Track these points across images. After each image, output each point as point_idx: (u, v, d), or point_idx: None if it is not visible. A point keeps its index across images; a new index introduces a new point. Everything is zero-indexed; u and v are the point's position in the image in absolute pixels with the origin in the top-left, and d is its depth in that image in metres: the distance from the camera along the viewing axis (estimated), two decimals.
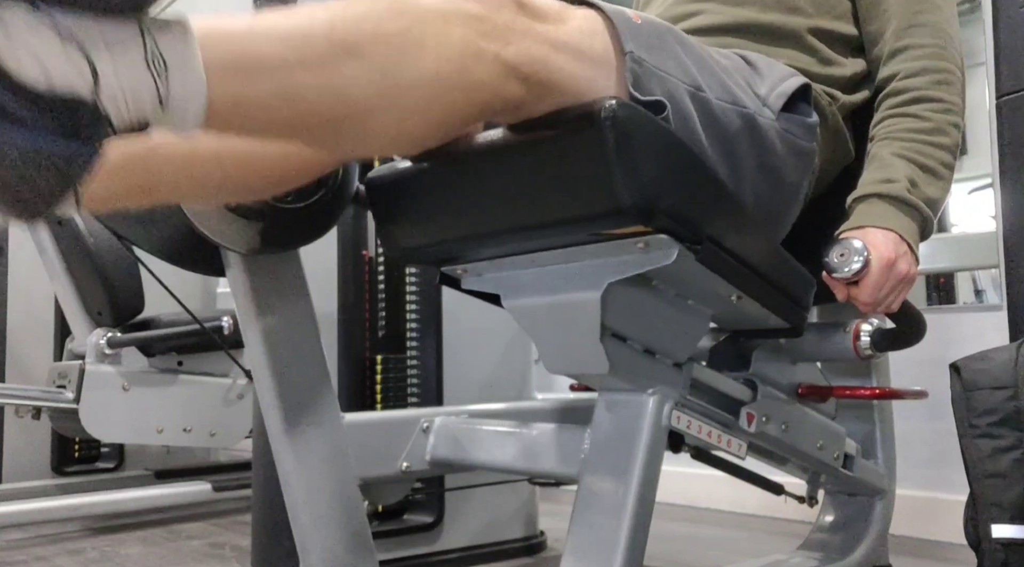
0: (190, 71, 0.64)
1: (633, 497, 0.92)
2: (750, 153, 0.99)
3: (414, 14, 0.74)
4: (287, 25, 0.70)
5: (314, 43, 0.70)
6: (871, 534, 1.32)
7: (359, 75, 0.71)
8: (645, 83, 0.87)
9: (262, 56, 0.67)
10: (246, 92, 0.67)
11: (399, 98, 0.74)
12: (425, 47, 0.73)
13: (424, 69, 0.73)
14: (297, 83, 0.69)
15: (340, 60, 0.70)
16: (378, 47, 0.72)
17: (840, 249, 1.02)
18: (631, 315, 0.97)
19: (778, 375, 1.20)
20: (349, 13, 0.72)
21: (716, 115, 0.94)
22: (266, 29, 0.69)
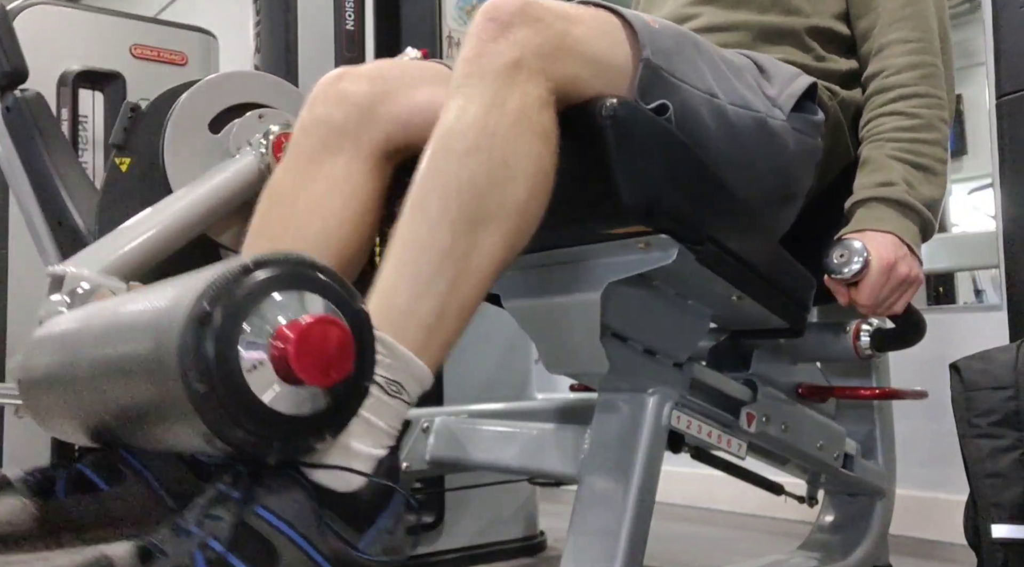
0: (416, 370, 0.73)
1: (633, 497, 0.92)
2: (764, 156, 1.00)
3: (479, 136, 0.77)
4: (426, 259, 0.75)
5: (454, 253, 0.75)
6: (871, 534, 1.32)
7: (496, 240, 0.77)
8: (654, 90, 0.88)
9: (436, 306, 0.75)
10: (446, 334, 0.76)
11: (529, 217, 0.79)
12: (512, 160, 0.77)
13: (525, 173, 0.78)
14: (466, 293, 0.77)
15: (478, 245, 0.76)
16: (488, 202, 0.76)
17: (840, 250, 1.02)
18: (631, 315, 0.97)
19: (778, 375, 1.20)
20: (449, 189, 0.76)
21: (731, 121, 0.95)
22: (415, 282, 0.75)
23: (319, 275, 0.64)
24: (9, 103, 1.83)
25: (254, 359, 0.59)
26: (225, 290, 0.59)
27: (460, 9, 2.43)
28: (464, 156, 0.77)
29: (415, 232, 0.76)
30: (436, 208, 0.76)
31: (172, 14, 4.16)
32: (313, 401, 0.62)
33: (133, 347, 0.63)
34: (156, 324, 0.62)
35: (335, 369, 0.62)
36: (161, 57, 2.73)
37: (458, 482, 1.75)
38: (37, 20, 2.51)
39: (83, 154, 2.60)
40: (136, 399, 0.65)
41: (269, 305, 0.60)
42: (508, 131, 0.77)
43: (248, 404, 0.58)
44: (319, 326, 0.61)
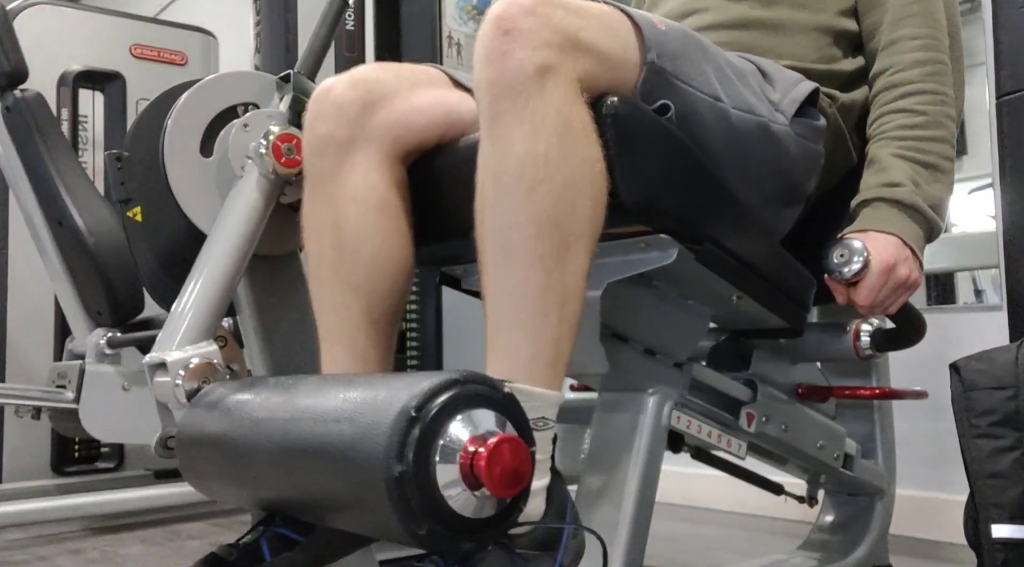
0: (552, 400, 0.81)
1: (633, 497, 0.92)
2: (765, 159, 1.00)
3: (537, 166, 0.78)
4: (527, 303, 0.79)
5: (550, 288, 0.78)
6: (871, 534, 1.32)
7: (580, 252, 0.80)
8: (657, 94, 0.88)
9: (552, 338, 0.79)
10: (564, 356, 0.81)
11: (596, 216, 0.81)
12: (572, 176, 0.79)
13: (586, 182, 0.80)
14: (569, 313, 0.80)
15: (567, 267, 0.79)
16: (565, 227, 0.78)
17: (840, 250, 1.02)
18: (631, 315, 0.97)
19: (778, 375, 1.20)
20: (529, 227, 0.78)
21: (734, 124, 0.95)
22: (527, 323, 0.79)
23: (509, 401, 0.70)
24: (9, 103, 1.83)
25: (448, 459, 0.65)
26: (434, 396, 0.65)
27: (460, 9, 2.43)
28: (530, 193, 0.78)
29: (510, 280, 0.79)
30: (521, 251, 0.78)
31: (172, 14, 4.16)
32: (492, 507, 0.67)
33: (331, 432, 0.69)
34: (360, 410, 0.68)
35: (516, 485, 0.68)
36: (161, 57, 2.73)
37: None
38: (37, 20, 2.51)
39: (83, 154, 2.60)
40: (321, 477, 0.71)
41: (468, 417, 0.66)
42: (560, 151, 0.78)
43: (433, 498, 0.64)
44: (508, 444, 0.67)
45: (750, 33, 1.16)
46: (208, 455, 0.86)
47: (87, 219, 2.03)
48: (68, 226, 2.25)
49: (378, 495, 0.63)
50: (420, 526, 0.63)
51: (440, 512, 0.64)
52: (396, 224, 0.97)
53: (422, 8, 2.02)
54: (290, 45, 1.72)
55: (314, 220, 0.99)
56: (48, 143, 1.86)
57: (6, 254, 2.53)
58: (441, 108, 1.01)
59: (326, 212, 0.97)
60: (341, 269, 0.96)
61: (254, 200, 1.04)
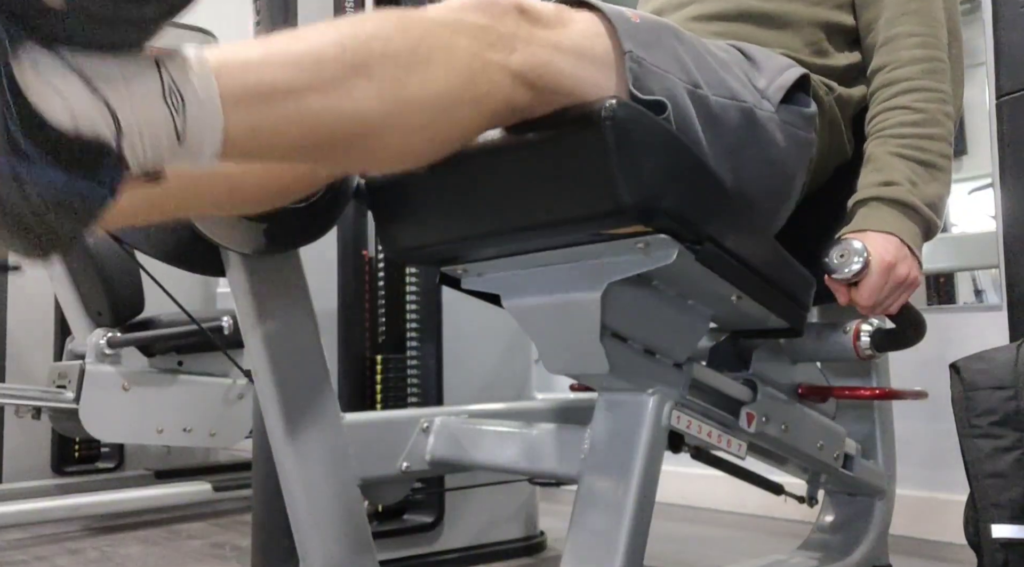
0: (207, 104, 0.64)
1: (633, 497, 0.92)
2: (751, 147, 0.99)
3: (421, 29, 0.75)
4: (299, 49, 0.70)
5: (326, 66, 0.70)
6: (871, 534, 1.32)
7: (370, 95, 0.72)
8: (645, 82, 0.88)
9: (276, 83, 0.68)
10: (261, 120, 0.67)
11: (410, 115, 0.74)
12: (433, 63, 0.74)
13: (433, 85, 0.74)
14: (311, 107, 0.69)
15: (351, 81, 0.71)
16: (387, 66, 0.72)
17: (840, 250, 1.02)
18: (631, 315, 0.97)
19: (778, 375, 1.20)
20: (359, 32, 0.73)
21: (715, 112, 0.95)
22: (279, 54, 0.69)
23: None
24: None
25: None
26: None
27: None
28: (399, 25, 0.74)
29: (311, 28, 0.73)
30: (345, 31, 0.72)
31: None
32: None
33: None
34: None
35: None
36: None
37: (458, 482, 1.75)
38: None
39: None
40: None
41: None
42: (450, 44, 0.75)
43: None
44: None
45: (745, 26, 1.16)
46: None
47: None
48: None
49: None
50: None
51: None
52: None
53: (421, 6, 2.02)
54: None
55: None
56: None
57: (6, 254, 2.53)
58: None
59: None
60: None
61: None
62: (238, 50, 0.68)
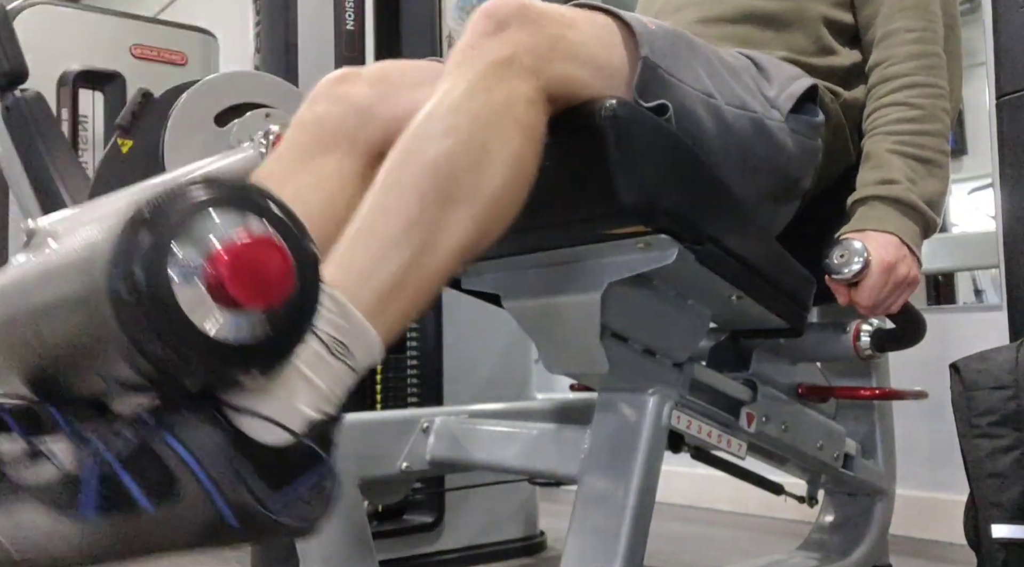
0: (366, 336, 0.70)
1: (633, 497, 0.92)
2: (761, 156, 1.00)
3: (463, 118, 0.76)
4: (392, 226, 0.73)
5: (421, 226, 0.73)
6: (871, 534, 1.32)
7: (465, 215, 0.75)
8: (652, 89, 0.88)
9: (397, 274, 0.72)
10: (402, 305, 0.73)
11: (501, 204, 0.78)
12: (492, 146, 0.76)
13: (506, 166, 0.77)
14: (428, 268, 0.74)
15: (445, 220, 0.74)
16: (462, 181, 0.75)
17: (840, 250, 1.02)
18: (631, 315, 0.97)
19: (778, 375, 1.20)
20: (422, 165, 0.75)
21: (728, 121, 0.95)
22: (380, 245, 0.73)
23: (267, 201, 0.60)
24: (9, 103, 1.83)
25: (185, 269, 0.55)
26: (166, 200, 0.56)
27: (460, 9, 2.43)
28: (443, 135, 0.76)
29: (383, 199, 0.75)
30: (408, 179, 0.75)
31: (172, 14, 4.16)
32: (244, 329, 0.58)
33: (69, 276, 0.59)
34: (91, 248, 0.58)
35: (270, 292, 0.58)
36: (161, 57, 2.73)
37: (458, 482, 1.75)
38: (37, 20, 2.51)
39: (83, 154, 2.60)
40: (68, 333, 0.60)
41: (209, 221, 0.57)
42: (491, 117, 0.77)
43: (170, 313, 0.54)
44: (258, 245, 0.58)
45: (748, 27, 1.16)
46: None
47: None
48: None
49: (108, 320, 0.54)
50: (153, 344, 0.54)
51: (175, 325, 0.54)
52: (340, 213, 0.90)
53: (422, 8, 2.01)
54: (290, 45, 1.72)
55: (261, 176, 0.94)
56: (48, 143, 1.86)
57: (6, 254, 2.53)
58: None
59: (279, 175, 0.94)
60: None
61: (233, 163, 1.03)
62: (346, 261, 0.72)
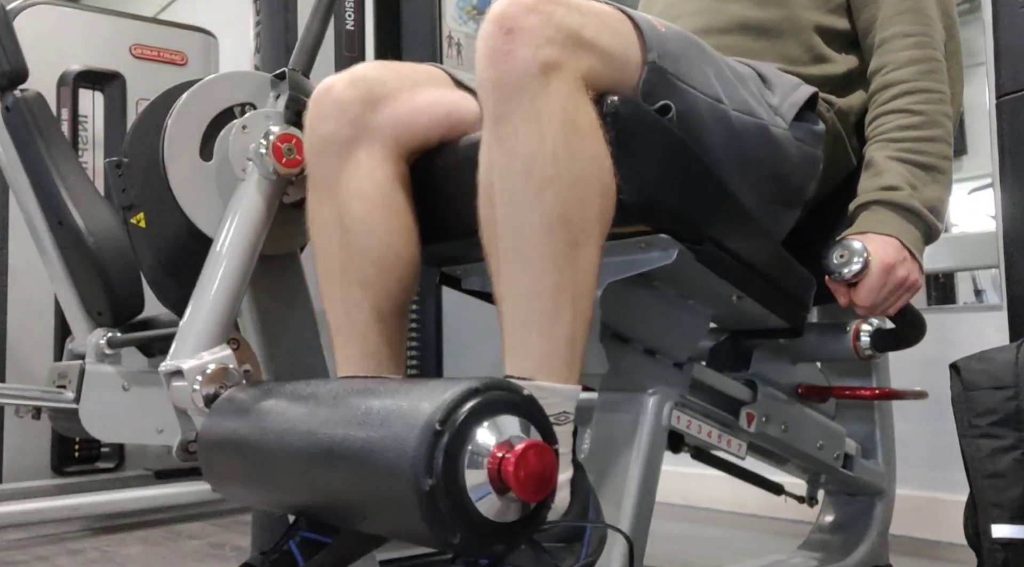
0: (570, 394, 0.80)
1: (633, 497, 0.92)
2: (765, 162, 1.01)
3: (546, 165, 0.78)
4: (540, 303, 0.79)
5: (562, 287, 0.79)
6: (871, 534, 1.32)
7: (590, 248, 0.80)
8: (658, 93, 0.88)
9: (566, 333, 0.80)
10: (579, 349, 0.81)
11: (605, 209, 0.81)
12: (581, 172, 0.79)
13: (593, 177, 0.80)
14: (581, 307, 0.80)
15: (578, 263, 0.79)
16: (575, 224, 0.79)
17: (840, 251, 1.02)
18: (631, 315, 0.97)
19: (778, 375, 1.20)
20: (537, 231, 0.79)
21: (735, 126, 0.95)
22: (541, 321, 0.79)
23: (528, 404, 0.71)
24: (9, 103, 1.83)
25: (476, 468, 0.66)
26: (457, 406, 0.66)
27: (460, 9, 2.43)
28: (540, 193, 0.78)
29: (523, 280, 0.79)
30: (533, 250, 0.78)
31: (172, 14, 4.16)
32: (519, 511, 0.69)
33: (356, 443, 0.70)
34: (386, 422, 0.69)
35: (544, 489, 0.69)
36: (161, 57, 2.73)
37: None
38: (37, 20, 2.51)
39: (83, 154, 2.60)
40: (351, 487, 0.73)
41: (492, 425, 0.68)
42: (567, 149, 0.78)
43: (464, 506, 0.66)
44: (535, 450, 0.68)
45: (741, 37, 1.16)
46: (231, 459, 0.87)
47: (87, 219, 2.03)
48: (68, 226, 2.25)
49: (410, 507, 0.65)
50: (453, 535, 0.65)
51: (471, 520, 0.66)
52: (402, 221, 0.97)
53: (422, 8, 2.01)
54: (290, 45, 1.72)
55: (320, 220, 0.99)
56: (48, 143, 1.86)
57: (6, 254, 2.53)
58: (443, 108, 1.01)
59: (332, 211, 0.97)
60: (350, 268, 0.96)
61: (257, 203, 1.04)
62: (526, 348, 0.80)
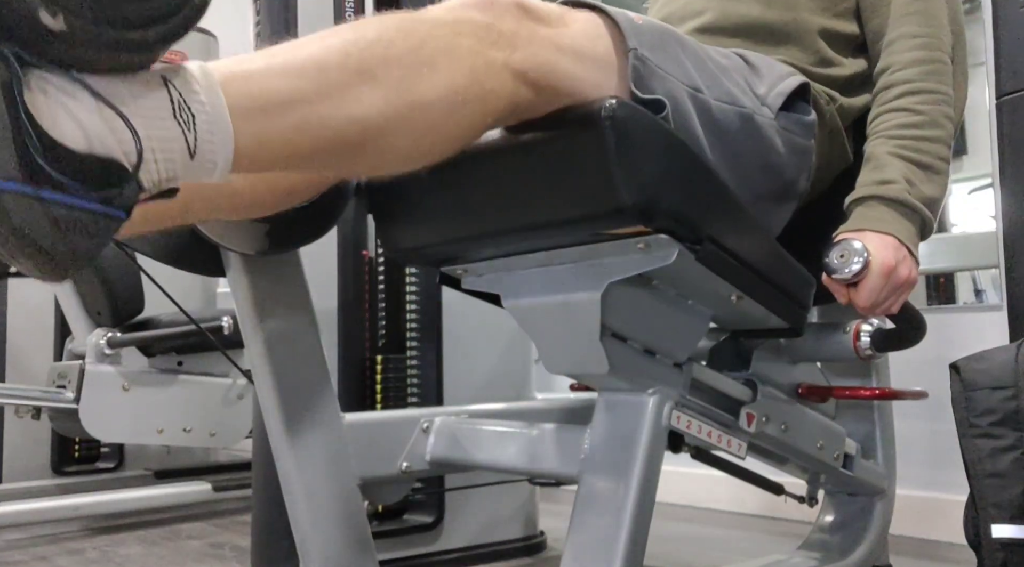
0: (217, 118, 0.64)
1: (633, 497, 0.92)
2: (751, 152, 1.00)
3: (423, 32, 0.75)
4: (302, 57, 0.70)
5: (330, 73, 0.70)
6: (871, 534, 1.32)
7: (376, 99, 0.72)
8: (647, 81, 0.88)
9: (283, 93, 0.68)
10: (270, 131, 0.68)
11: (416, 118, 0.74)
12: (437, 64, 0.74)
13: (438, 86, 0.74)
14: (318, 115, 0.69)
15: (356, 87, 0.71)
16: (392, 70, 0.72)
17: (840, 250, 1.02)
18: (631, 315, 0.97)
19: (778, 375, 1.20)
20: (361, 38, 0.73)
21: (715, 116, 0.95)
22: (282, 64, 0.69)
23: None
24: None
25: None
26: None
27: None
28: (396, 27, 0.74)
29: (314, 38, 0.72)
30: (344, 37, 0.73)
31: None
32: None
33: None
34: None
35: None
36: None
37: (458, 482, 1.75)
38: None
39: None
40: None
41: None
42: (451, 44, 0.75)
43: None
44: None
45: (747, 40, 1.16)
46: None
47: None
48: None
49: None
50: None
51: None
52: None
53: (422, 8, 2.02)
54: None
55: None
56: None
57: None
58: None
59: None
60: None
61: None
62: (242, 62, 0.68)
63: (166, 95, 0.62)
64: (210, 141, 0.64)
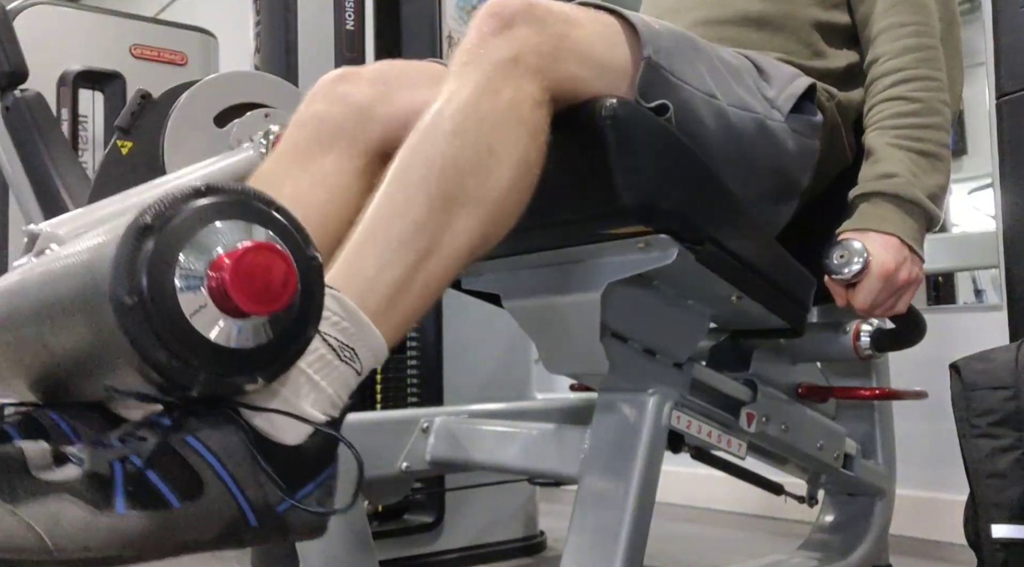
0: (372, 340, 0.71)
1: (633, 497, 0.92)
2: (763, 156, 1.01)
3: (469, 121, 0.77)
4: (399, 229, 0.74)
5: (427, 226, 0.74)
6: (871, 534, 1.32)
7: (471, 222, 0.76)
8: (655, 90, 0.88)
9: (399, 277, 0.73)
10: (407, 308, 0.74)
11: (505, 203, 0.78)
12: (497, 149, 0.77)
13: (509, 166, 0.77)
14: (432, 272, 0.75)
15: (452, 221, 0.75)
16: (469, 183, 0.76)
17: (840, 251, 1.02)
18: (631, 315, 0.97)
19: (778, 375, 1.20)
20: (429, 168, 0.76)
21: (732, 122, 0.95)
22: (384, 244, 0.73)
23: (271, 210, 0.62)
24: (9, 103, 1.83)
25: (189, 277, 0.56)
26: (170, 207, 0.57)
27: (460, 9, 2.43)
28: (451, 135, 0.76)
29: (390, 201, 0.75)
30: (415, 181, 0.75)
31: (172, 14, 4.16)
32: (247, 334, 0.59)
33: (73, 282, 0.59)
34: (95, 253, 0.58)
35: (272, 298, 0.59)
36: (161, 57, 2.73)
37: (458, 482, 1.75)
38: (37, 20, 2.52)
39: (83, 154, 2.60)
40: (73, 338, 0.60)
41: (212, 229, 0.58)
42: (497, 118, 0.77)
43: (173, 320, 0.55)
44: (260, 252, 0.58)
45: (743, 30, 1.16)
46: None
47: None
48: None
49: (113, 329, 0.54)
50: (158, 352, 0.55)
51: (180, 332, 0.55)
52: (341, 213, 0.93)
53: (422, 8, 2.01)
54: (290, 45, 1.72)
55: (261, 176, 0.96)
56: (48, 143, 1.86)
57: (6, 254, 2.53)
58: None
59: (278, 174, 0.95)
60: None
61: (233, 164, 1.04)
62: (353, 264, 0.73)
63: (328, 347, 0.68)
64: (371, 357, 0.71)
